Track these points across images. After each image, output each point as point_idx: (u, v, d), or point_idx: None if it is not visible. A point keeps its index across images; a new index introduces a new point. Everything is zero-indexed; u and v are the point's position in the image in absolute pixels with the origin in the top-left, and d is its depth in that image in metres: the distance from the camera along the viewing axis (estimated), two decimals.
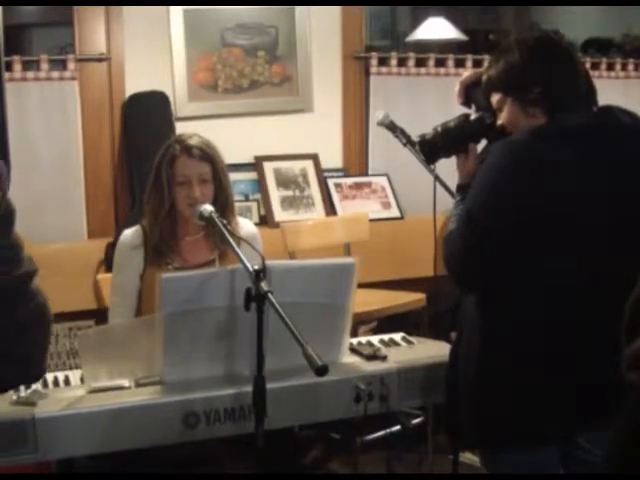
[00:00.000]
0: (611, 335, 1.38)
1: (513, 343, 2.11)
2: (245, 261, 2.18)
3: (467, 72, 2.43)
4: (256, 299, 2.10)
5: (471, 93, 2.35)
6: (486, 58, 4.59)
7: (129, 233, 2.89)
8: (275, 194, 4.50)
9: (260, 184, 4.50)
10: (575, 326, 2.09)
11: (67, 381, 2.48)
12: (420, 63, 4.81)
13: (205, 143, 2.83)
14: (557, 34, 5.89)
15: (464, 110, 2.39)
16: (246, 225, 2.95)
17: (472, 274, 2.13)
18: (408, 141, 2.47)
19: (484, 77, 2.25)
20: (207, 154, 2.80)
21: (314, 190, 4.56)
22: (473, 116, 2.34)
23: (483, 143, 2.37)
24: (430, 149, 2.38)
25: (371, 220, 4.36)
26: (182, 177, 2.77)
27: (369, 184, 4.70)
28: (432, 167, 2.42)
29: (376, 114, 2.64)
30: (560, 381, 2.10)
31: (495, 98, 2.21)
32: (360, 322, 4.00)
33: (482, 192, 2.08)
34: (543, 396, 2.11)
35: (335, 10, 4.65)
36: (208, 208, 2.61)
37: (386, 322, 4.03)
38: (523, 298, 2.10)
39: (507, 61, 2.17)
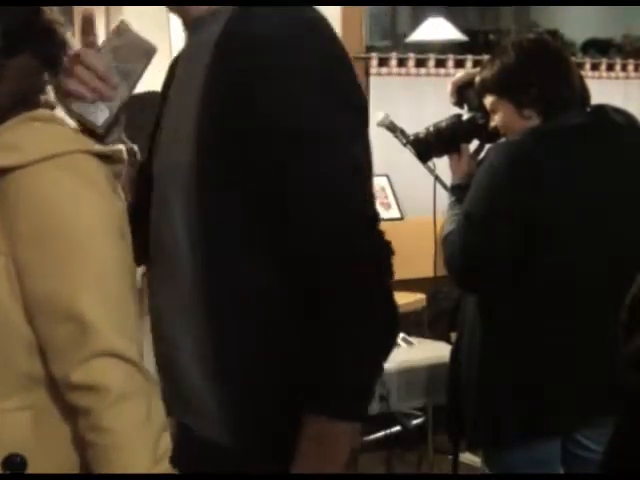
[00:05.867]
0: (612, 334, 1.39)
1: (514, 343, 2.12)
2: None
3: (460, 73, 2.44)
4: None
5: (464, 93, 2.36)
6: (486, 58, 4.58)
7: None
8: None
9: None
10: (576, 325, 2.10)
11: None
12: (420, 64, 4.80)
13: None
14: (556, 34, 5.91)
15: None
16: None
17: (472, 275, 2.14)
18: (408, 141, 2.47)
19: (478, 79, 2.25)
20: None
21: None
22: (465, 116, 2.34)
23: (475, 143, 2.38)
24: (423, 148, 2.39)
25: None
26: None
27: None
28: (432, 167, 2.42)
29: (376, 115, 2.63)
30: (561, 380, 2.10)
31: (489, 100, 2.22)
32: None
33: (481, 194, 2.10)
34: (544, 395, 2.11)
35: (335, 10, 4.64)
36: None
37: None
38: (523, 298, 2.10)
39: (502, 63, 2.18)
